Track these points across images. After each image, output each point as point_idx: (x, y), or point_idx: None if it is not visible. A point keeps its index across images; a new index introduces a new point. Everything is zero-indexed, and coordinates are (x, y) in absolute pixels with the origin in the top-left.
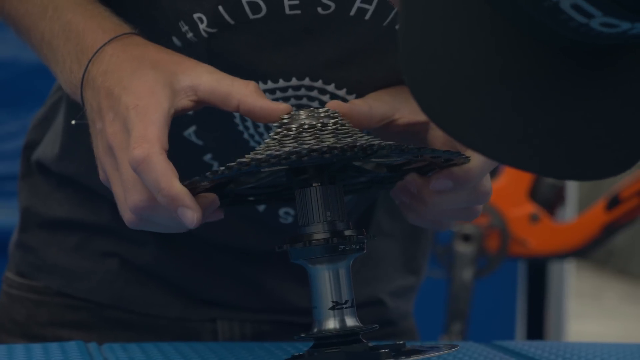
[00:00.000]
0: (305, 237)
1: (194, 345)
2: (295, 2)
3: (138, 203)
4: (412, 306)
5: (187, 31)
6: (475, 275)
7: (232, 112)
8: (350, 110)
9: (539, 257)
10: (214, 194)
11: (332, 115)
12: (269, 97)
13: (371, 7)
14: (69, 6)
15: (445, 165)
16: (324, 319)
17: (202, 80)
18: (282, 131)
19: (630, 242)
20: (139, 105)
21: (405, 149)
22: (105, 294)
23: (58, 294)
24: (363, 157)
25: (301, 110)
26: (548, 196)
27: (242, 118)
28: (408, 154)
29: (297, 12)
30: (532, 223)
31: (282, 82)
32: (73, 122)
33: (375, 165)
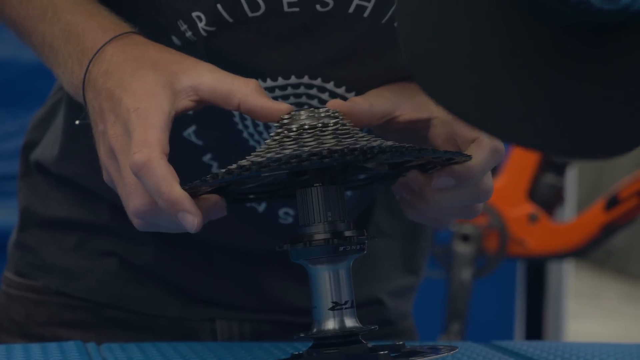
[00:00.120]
0: (305, 237)
1: (193, 345)
2: (294, 0)
3: (140, 207)
4: (411, 306)
5: (186, 30)
6: (474, 276)
7: (233, 110)
8: (351, 109)
9: (538, 257)
10: (217, 195)
11: (332, 115)
12: (268, 95)
13: (370, 5)
14: (68, 7)
15: (446, 163)
16: (323, 319)
17: (203, 79)
18: (282, 131)
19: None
20: (139, 108)
21: (405, 150)
22: (104, 294)
23: (57, 293)
24: (363, 161)
25: (302, 110)
26: (547, 196)
27: (241, 117)
28: (408, 156)
29: (296, 9)
30: (531, 223)
31: (281, 80)
32: (77, 122)
33: (377, 163)
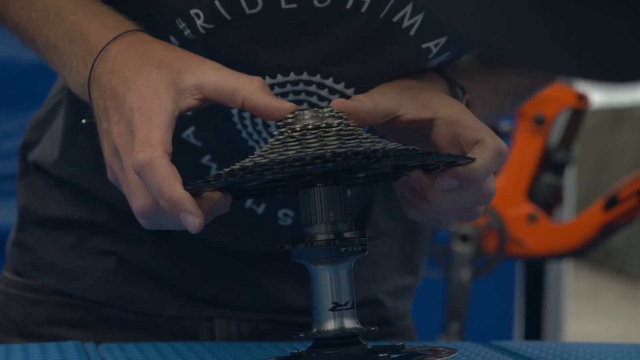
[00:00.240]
0: (307, 238)
1: (192, 345)
2: None
3: (143, 207)
4: (410, 306)
5: (185, 28)
6: (473, 276)
7: (237, 108)
8: (355, 109)
9: (537, 257)
10: (219, 192)
11: (336, 114)
12: None
13: (367, 0)
14: (71, 8)
15: (450, 164)
16: (323, 320)
17: (207, 77)
18: (286, 131)
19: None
20: (143, 107)
21: (409, 154)
22: (103, 293)
23: (55, 292)
24: (366, 165)
25: (305, 110)
26: (546, 196)
27: (240, 116)
28: (412, 160)
29: (294, 5)
30: (530, 223)
31: (280, 78)
32: (83, 121)
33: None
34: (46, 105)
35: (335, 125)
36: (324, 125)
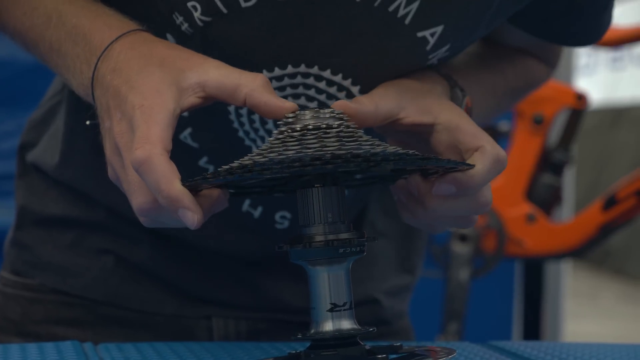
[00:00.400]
0: (305, 239)
1: (190, 345)
2: None
3: (142, 205)
4: (408, 306)
5: (182, 22)
6: (472, 276)
7: (240, 106)
8: (357, 111)
9: (536, 258)
10: (218, 189)
11: (337, 116)
12: None
13: None
14: (73, 11)
15: (448, 170)
16: (321, 321)
17: (210, 75)
18: (286, 130)
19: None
20: (144, 105)
21: (408, 158)
22: (101, 291)
23: (53, 291)
24: (366, 168)
25: (306, 110)
26: (545, 196)
27: (237, 113)
28: (412, 164)
29: None
30: (529, 223)
31: (277, 71)
32: (87, 123)
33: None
34: (43, 107)
35: (336, 126)
36: (324, 126)
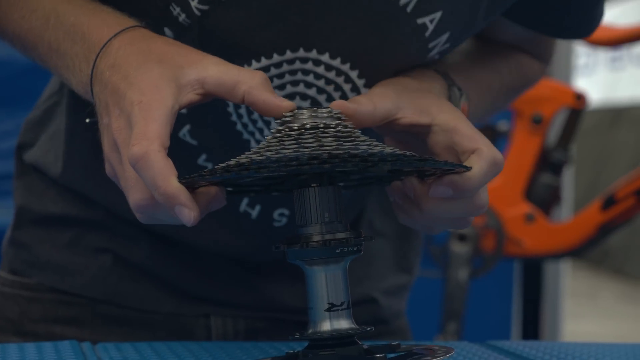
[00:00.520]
0: (302, 239)
1: (188, 344)
2: None
3: (139, 202)
4: (405, 305)
5: (179, 13)
6: (471, 275)
7: (238, 103)
8: (355, 111)
9: (535, 257)
10: (215, 187)
11: (335, 115)
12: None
13: None
14: (70, 10)
15: (445, 172)
16: (319, 320)
17: (209, 72)
18: (283, 129)
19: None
20: (142, 101)
21: (406, 159)
22: (99, 289)
23: (51, 290)
24: (363, 168)
25: (304, 109)
26: (543, 196)
27: (235, 106)
28: (409, 166)
29: None
30: (528, 223)
31: (276, 57)
32: (87, 121)
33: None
34: (40, 107)
35: (333, 126)
36: (321, 125)
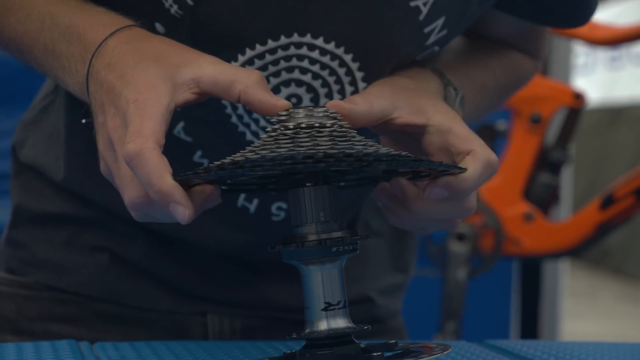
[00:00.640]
0: (298, 238)
1: (186, 344)
2: None
3: (134, 200)
4: (401, 304)
5: (172, 4)
6: (470, 275)
7: (233, 102)
8: (351, 111)
9: (533, 257)
10: (211, 185)
11: (330, 115)
12: (258, 63)
13: None
14: (65, 11)
15: (440, 173)
16: (316, 320)
17: (205, 71)
18: (279, 128)
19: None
20: (138, 100)
21: (401, 160)
22: (96, 288)
23: (48, 288)
24: (358, 168)
25: (300, 108)
26: (542, 195)
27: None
28: (404, 166)
29: None
30: (526, 222)
31: (270, 43)
32: (83, 121)
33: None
34: (35, 107)
35: (329, 125)
36: (317, 124)
